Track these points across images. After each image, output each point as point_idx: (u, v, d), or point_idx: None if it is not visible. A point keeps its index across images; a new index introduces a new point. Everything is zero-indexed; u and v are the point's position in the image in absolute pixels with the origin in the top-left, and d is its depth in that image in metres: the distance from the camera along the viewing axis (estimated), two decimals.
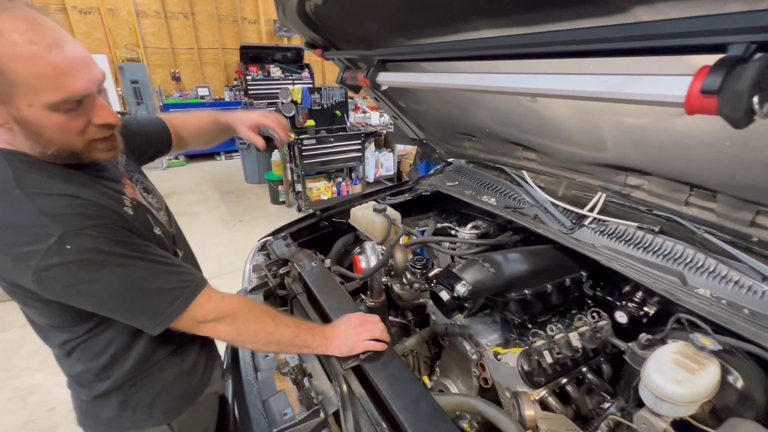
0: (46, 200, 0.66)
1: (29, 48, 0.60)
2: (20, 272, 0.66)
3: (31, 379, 2.38)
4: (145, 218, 0.84)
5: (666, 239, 1.14)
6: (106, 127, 0.73)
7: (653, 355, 0.87)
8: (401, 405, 0.78)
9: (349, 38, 1.32)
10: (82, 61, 0.66)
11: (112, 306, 0.74)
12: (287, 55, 7.84)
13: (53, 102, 0.63)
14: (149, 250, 0.76)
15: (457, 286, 1.13)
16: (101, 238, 0.67)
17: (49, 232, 0.63)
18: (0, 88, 0.61)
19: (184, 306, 0.77)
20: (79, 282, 0.68)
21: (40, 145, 0.68)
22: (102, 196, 0.74)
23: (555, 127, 1.11)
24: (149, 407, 0.92)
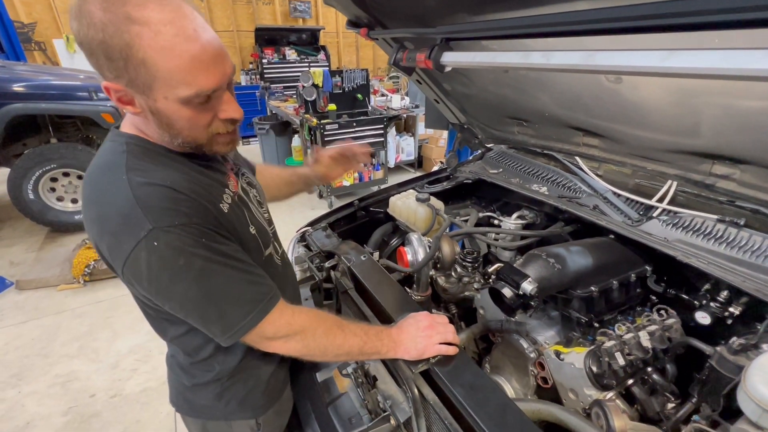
0: (145, 190, 0.66)
1: (172, 41, 0.60)
2: (114, 261, 0.68)
3: (70, 365, 2.42)
4: (242, 215, 0.84)
5: (753, 233, 1.04)
6: (230, 122, 0.75)
7: (756, 364, 0.79)
8: (485, 416, 0.73)
9: (400, 15, 1.22)
10: (217, 54, 0.66)
11: (187, 310, 0.72)
12: (303, 36, 7.66)
13: (186, 96, 0.65)
14: (232, 255, 0.74)
15: (523, 284, 1.06)
16: (187, 238, 0.67)
17: (141, 225, 0.64)
18: (141, 79, 0.62)
19: (256, 321, 0.74)
20: (161, 279, 0.68)
21: (170, 136, 0.71)
22: (203, 189, 0.74)
23: (637, 110, 1.01)
24: (242, 401, 0.93)
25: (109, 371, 2.37)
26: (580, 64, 0.63)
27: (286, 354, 0.81)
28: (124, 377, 2.32)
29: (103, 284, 3.22)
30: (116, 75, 0.63)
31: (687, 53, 0.50)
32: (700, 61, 0.49)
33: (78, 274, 3.16)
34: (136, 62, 0.60)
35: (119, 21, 0.58)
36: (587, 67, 0.62)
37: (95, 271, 3.20)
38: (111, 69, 0.63)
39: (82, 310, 2.93)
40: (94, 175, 0.72)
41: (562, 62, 0.66)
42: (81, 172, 3.87)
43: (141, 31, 0.59)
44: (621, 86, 0.95)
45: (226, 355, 0.87)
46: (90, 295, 3.10)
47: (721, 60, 0.47)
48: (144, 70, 0.61)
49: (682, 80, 0.80)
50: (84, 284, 3.19)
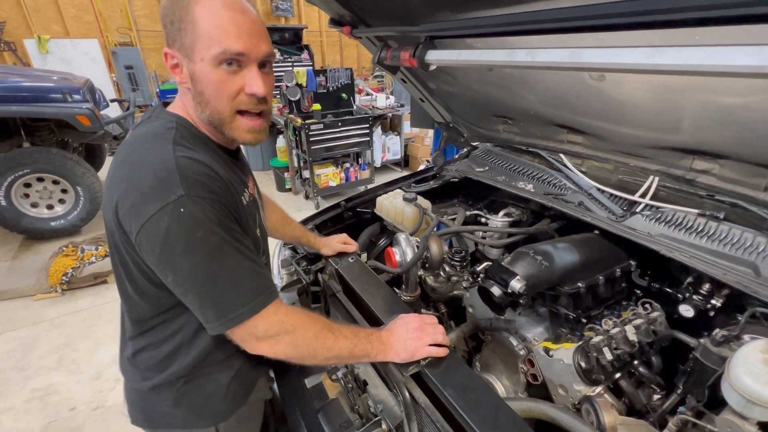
0: (186, 162, 0.70)
1: (217, 6, 0.70)
2: (133, 219, 0.68)
3: (48, 378, 2.33)
4: (254, 214, 0.88)
5: (732, 227, 1.07)
6: (254, 99, 0.77)
7: (739, 355, 0.81)
8: (477, 417, 0.72)
9: (383, 14, 1.20)
10: (252, 28, 0.74)
11: (188, 285, 0.71)
12: (285, 36, 7.53)
13: (216, 53, 0.71)
14: (244, 242, 0.76)
15: (512, 282, 1.06)
16: (211, 212, 0.69)
17: (174, 189, 0.66)
18: (189, 40, 0.71)
19: (253, 312, 0.73)
20: (175, 248, 0.68)
21: (200, 106, 0.77)
22: (231, 176, 0.79)
23: (620, 107, 1.02)
24: (200, 407, 0.91)
25: (91, 383, 2.29)
26: (566, 61, 0.63)
27: (274, 356, 0.78)
28: (107, 388, 2.24)
29: (82, 293, 3.11)
30: (173, 39, 0.73)
31: (672, 50, 0.50)
32: (686, 58, 0.49)
33: (55, 282, 3.04)
34: (187, 22, 0.70)
35: None
36: (573, 65, 0.62)
37: (74, 279, 3.09)
38: (170, 34, 0.73)
39: (60, 321, 2.82)
40: (139, 141, 0.75)
41: (548, 60, 0.66)
42: (56, 177, 3.73)
43: None
44: (604, 84, 0.95)
45: (188, 352, 0.85)
46: (69, 305, 2.99)
47: (706, 57, 0.47)
48: (192, 28, 0.70)
49: (665, 77, 0.81)
50: (62, 293, 3.07)
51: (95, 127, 3.73)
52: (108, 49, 6.87)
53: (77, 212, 3.88)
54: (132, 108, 4.55)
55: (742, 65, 0.44)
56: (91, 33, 6.82)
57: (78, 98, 3.69)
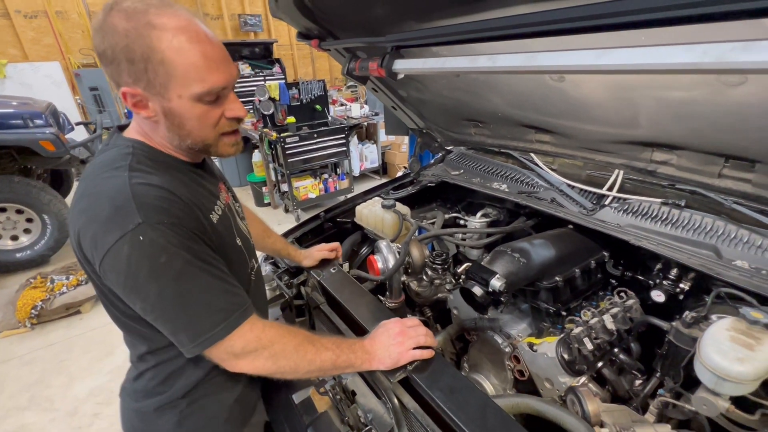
0: (142, 188, 0.69)
1: (188, 42, 0.67)
2: (96, 251, 0.68)
3: (20, 419, 2.20)
4: (229, 225, 0.87)
5: (693, 213, 1.13)
6: (235, 121, 0.79)
7: (707, 335, 0.85)
8: (466, 418, 0.73)
9: (350, 25, 1.22)
10: (225, 56, 0.74)
11: (158, 311, 0.71)
12: (255, 50, 7.52)
13: (199, 92, 0.70)
14: (213, 262, 0.75)
15: (492, 281, 1.08)
16: (173, 236, 0.68)
17: (131, 218, 0.66)
18: (160, 78, 0.68)
19: (227, 331, 0.72)
20: (139, 275, 0.67)
21: (179, 137, 0.76)
22: (197, 198, 0.77)
23: (581, 106, 1.07)
24: (202, 429, 0.89)
25: (67, 419, 2.17)
26: (523, 65, 0.66)
27: (255, 373, 0.77)
28: (85, 424, 2.13)
29: (53, 326, 2.96)
30: (135, 79, 0.68)
31: (618, 51, 0.54)
32: (630, 58, 0.52)
33: (23, 317, 2.88)
34: (155, 62, 0.67)
35: (141, 27, 0.65)
36: (530, 68, 0.65)
37: (44, 312, 2.94)
38: (131, 73, 0.68)
39: (31, 357, 2.67)
40: (97, 170, 0.74)
41: (507, 64, 0.69)
42: (20, 206, 3.56)
43: (161, 35, 0.66)
44: (564, 84, 1.00)
45: (194, 369, 0.84)
46: (39, 339, 2.83)
47: (648, 56, 0.50)
48: (162, 69, 0.67)
49: (618, 76, 0.85)
50: (31, 328, 2.91)
51: (60, 151, 3.60)
52: (71, 71, 6.66)
53: (44, 241, 3.70)
54: (99, 130, 4.41)
55: (679, 62, 0.47)
56: (51, 55, 6.60)
57: (40, 123, 3.56)
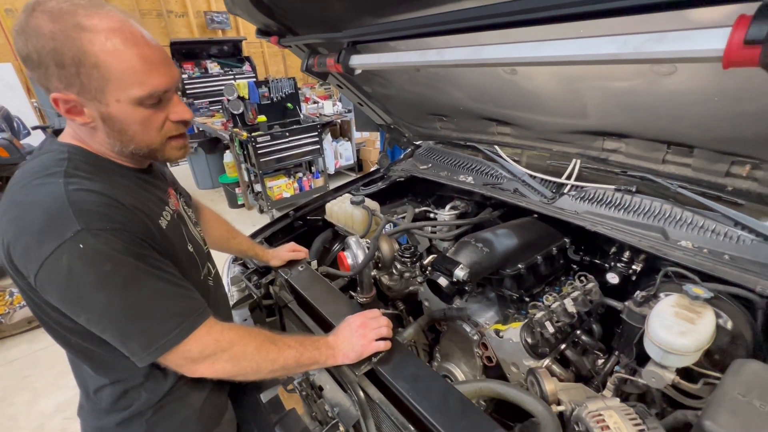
0: (80, 194, 0.65)
1: (123, 44, 0.64)
2: (29, 264, 0.64)
3: None
4: (179, 232, 0.84)
5: (643, 198, 1.19)
6: (182, 124, 0.77)
7: (654, 312, 0.90)
8: (428, 404, 0.75)
9: (308, 21, 1.21)
10: (165, 58, 0.71)
11: (105, 322, 0.67)
12: (224, 48, 7.33)
13: (140, 96, 0.67)
14: (163, 267, 0.72)
15: (455, 271, 1.11)
16: (118, 242, 0.65)
17: (68, 226, 0.62)
18: (95, 83, 0.64)
19: (182, 336, 0.70)
20: (81, 286, 0.64)
21: (121, 143, 0.72)
22: (142, 204, 0.74)
23: (534, 98, 1.10)
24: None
25: None
26: (467, 58, 0.67)
27: (216, 377, 0.76)
28: None
29: (14, 341, 2.81)
30: (67, 84, 0.64)
31: (551, 43, 0.56)
32: (561, 50, 0.54)
33: None
34: (88, 66, 0.63)
35: (69, 29, 0.61)
36: (473, 61, 0.67)
37: (3, 327, 2.79)
38: (62, 78, 0.64)
39: None
40: (26, 177, 0.68)
41: (453, 58, 0.71)
42: None
43: (92, 37, 0.62)
44: (517, 77, 1.03)
45: (157, 381, 0.81)
46: (0, 356, 2.69)
47: (576, 47, 0.53)
48: (97, 73, 0.63)
49: (565, 67, 0.89)
50: None
51: (15, 157, 3.42)
52: (24, 72, 6.30)
53: None
54: None
55: (602, 53, 0.50)
56: (3, 57, 6.22)
57: None
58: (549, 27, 0.62)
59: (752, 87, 0.65)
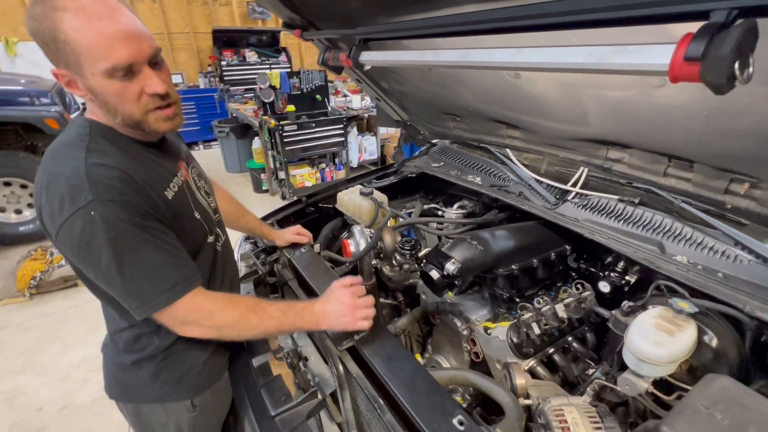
0: (97, 169, 0.74)
1: (86, 21, 0.69)
2: (52, 223, 0.74)
3: (14, 381, 2.31)
4: (186, 201, 0.91)
5: (645, 210, 1.18)
6: (158, 97, 0.80)
7: (635, 321, 0.91)
8: (398, 382, 0.80)
9: (329, 17, 1.28)
10: (130, 32, 0.73)
11: (109, 280, 0.76)
12: (263, 38, 7.57)
13: (106, 68, 0.72)
14: (162, 237, 0.80)
15: (446, 265, 1.15)
16: (123, 213, 0.73)
17: (84, 196, 0.71)
18: (71, 58, 0.71)
19: (168, 301, 0.79)
20: (89, 247, 0.73)
21: (110, 113, 0.79)
22: (150, 177, 0.82)
23: (538, 103, 1.12)
24: (177, 382, 0.96)
25: (59, 384, 2.28)
26: (458, 60, 0.72)
27: (202, 338, 0.85)
28: (75, 388, 2.24)
29: (51, 297, 3.08)
30: (56, 60, 0.73)
31: (529, 50, 0.59)
32: (536, 57, 0.58)
33: (23, 287, 3.01)
34: (61, 43, 0.69)
35: (48, 10, 0.69)
36: (464, 63, 0.71)
37: (42, 284, 3.06)
38: (50, 55, 0.72)
39: (28, 324, 2.79)
40: (58, 149, 0.80)
41: (447, 59, 0.75)
42: (24, 182, 3.67)
43: (62, 15, 0.68)
44: (521, 81, 1.05)
45: (167, 332, 0.90)
46: (37, 309, 2.95)
47: (548, 55, 0.56)
48: (69, 48, 0.70)
49: (563, 74, 0.91)
50: (30, 297, 3.04)
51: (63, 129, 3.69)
52: None
53: None
54: None
55: (571, 62, 0.53)
56: None
57: (46, 101, 3.65)
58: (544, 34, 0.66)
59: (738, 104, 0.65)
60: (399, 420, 0.76)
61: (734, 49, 0.37)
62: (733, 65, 0.38)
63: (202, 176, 1.09)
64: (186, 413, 0.98)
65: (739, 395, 0.74)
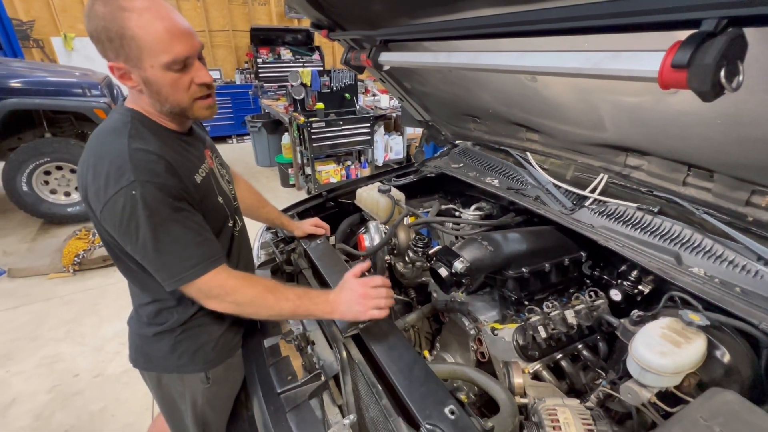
0: (138, 153, 0.83)
1: (151, 20, 0.79)
2: (97, 201, 0.82)
3: (56, 348, 2.53)
4: (211, 186, 1.00)
5: (664, 219, 1.15)
6: (205, 86, 0.90)
7: (642, 330, 0.90)
8: (396, 369, 0.83)
9: (354, 18, 1.33)
10: (186, 30, 0.84)
11: (144, 253, 0.85)
12: (297, 37, 7.78)
13: (166, 62, 0.81)
14: (191, 218, 0.88)
15: (455, 263, 1.17)
16: (158, 193, 0.82)
17: (127, 176, 0.79)
18: (133, 53, 0.80)
19: (195, 275, 0.86)
20: (129, 223, 0.81)
21: (160, 102, 0.88)
22: (183, 162, 0.91)
23: (556, 106, 1.12)
24: (193, 354, 1.04)
25: (94, 354, 2.47)
26: (468, 63, 0.74)
27: (223, 311, 0.92)
28: (108, 359, 2.42)
29: (92, 274, 3.32)
30: (116, 54, 0.81)
31: (531, 54, 0.61)
32: (537, 61, 0.60)
33: (68, 263, 3.26)
34: (128, 39, 0.79)
35: (114, 11, 0.77)
36: (472, 66, 0.73)
37: (84, 261, 3.31)
38: (112, 50, 0.81)
39: (70, 298, 3.03)
40: (103, 134, 0.89)
41: (459, 61, 0.78)
42: (74, 166, 3.97)
43: (129, 15, 0.78)
44: (537, 85, 1.05)
45: (185, 307, 1.00)
46: (79, 284, 3.20)
47: (548, 60, 0.58)
48: (134, 44, 0.79)
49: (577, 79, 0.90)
50: (73, 273, 3.29)
51: None
52: None
53: None
54: None
55: (568, 66, 0.54)
56: None
57: (96, 93, 3.93)
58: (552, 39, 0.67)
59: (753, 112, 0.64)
60: (395, 405, 0.80)
61: (718, 58, 0.38)
62: (719, 73, 0.39)
63: (224, 165, 1.18)
64: (200, 384, 1.05)
65: (742, 410, 0.72)
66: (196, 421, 1.12)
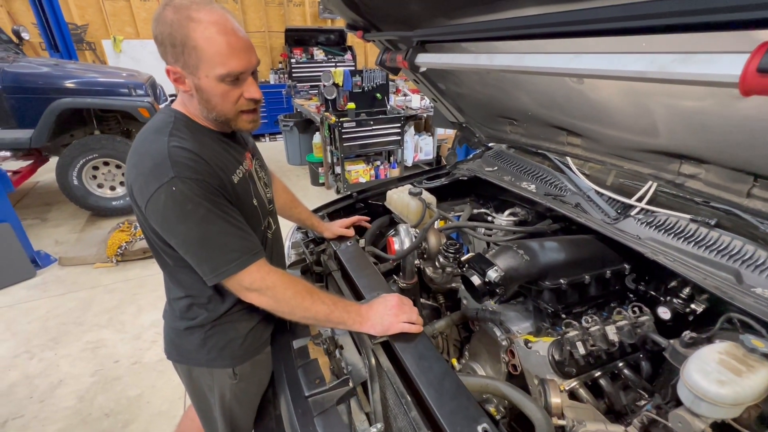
0: (177, 150, 0.85)
1: (216, 34, 0.82)
2: (141, 197, 0.85)
3: (99, 334, 2.68)
4: (247, 188, 1.02)
5: (722, 234, 1.06)
6: (253, 101, 0.93)
7: (696, 354, 0.83)
8: (426, 381, 0.81)
9: (390, 19, 1.31)
10: (246, 47, 0.87)
11: (186, 247, 0.88)
12: (330, 37, 7.87)
13: (221, 74, 0.84)
14: (231, 213, 0.90)
15: (489, 272, 1.12)
16: (198, 189, 0.84)
17: (166, 173, 0.82)
18: (192, 61, 0.84)
19: (237, 268, 0.88)
20: (171, 218, 0.84)
21: (207, 110, 0.91)
22: (221, 161, 0.93)
23: (602, 110, 1.05)
24: (221, 350, 1.06)
25: (133, 341, 2.61)
26: (511, 65, 0.70)
27: (261, 306, 0.93)
28: (145, 347, 2.55)
29: (132, 264, 3.50)
30: (175, 59, 0.85)
31: (585, 56, 0.57)
32: (593, 63, 0.55)
33: (111, 254, 3.46)
34: (190, 48, 0.82)
35: (183, 19, 0.81)
36: (518, 68, 0.69)
37: (127, 253, 3.49)
38: (173, 54, 0.84)
39: (113, 287, 3.21)
40: (146, 133, 0.92)
41: (501, 63, 0.74)
42: (120, 162, 4.21)
43: (196, 26, 0.81)
44: (584, 87, 0.99)
45: (216, 304, 1.02)
46: (121, 274, 3.38)
47: (606, 62, 0.53)
48: (195, 54, 0.82)
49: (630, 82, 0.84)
50: (116, 264, 3.49)
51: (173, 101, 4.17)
52: None
53: None
54: None
55: (630, 70, 0.50)
56: None
57: (141, 93, 4.14)
58: (603, 40, 0.62)
59: None
60: (424, 418, 0.77)
61: None
62: None
63: (264, 168, 1.19)
64: (228, 380, 1.08)
65: None
66: (224, 414, 1.15)
